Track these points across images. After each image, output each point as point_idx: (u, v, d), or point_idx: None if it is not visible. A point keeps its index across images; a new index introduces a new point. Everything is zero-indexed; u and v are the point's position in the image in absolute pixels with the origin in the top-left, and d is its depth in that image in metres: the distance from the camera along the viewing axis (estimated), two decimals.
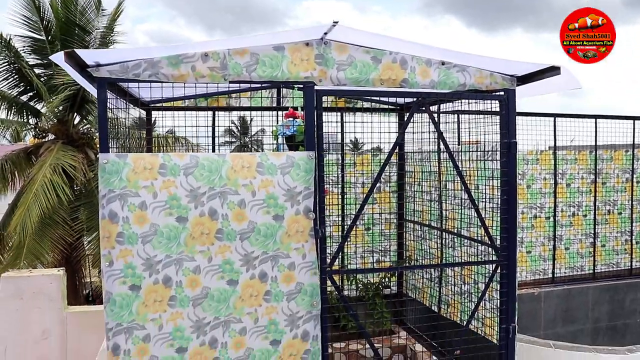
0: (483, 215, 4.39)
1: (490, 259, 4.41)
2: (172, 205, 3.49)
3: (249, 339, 3.68)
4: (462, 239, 4.93)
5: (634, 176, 8.43)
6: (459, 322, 5.03)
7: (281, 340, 3.72)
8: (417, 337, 5.74)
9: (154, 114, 5.49)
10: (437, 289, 5.46)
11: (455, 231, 5.02)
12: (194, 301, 3.57)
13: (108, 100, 3.52)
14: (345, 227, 6.20)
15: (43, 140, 12.91)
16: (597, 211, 8.23)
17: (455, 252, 5.09)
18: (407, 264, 5.98)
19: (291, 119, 4.45)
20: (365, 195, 6.09)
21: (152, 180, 3.47)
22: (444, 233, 5.29)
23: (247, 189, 3.58)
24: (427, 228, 5.59)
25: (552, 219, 7.96)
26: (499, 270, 4.20)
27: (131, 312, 3.50)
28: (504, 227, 4.13)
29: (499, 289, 4.22)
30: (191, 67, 3.56)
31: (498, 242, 4.21)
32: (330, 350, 5.74)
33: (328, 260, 3.82)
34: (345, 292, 6.11)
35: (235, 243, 3.59)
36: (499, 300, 4.23)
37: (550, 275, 7.91)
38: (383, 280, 6.09)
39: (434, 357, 5.29)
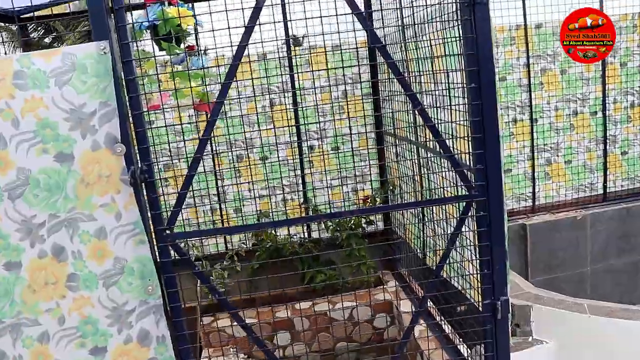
0: (454, 118, 2.79)
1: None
2: None
3: (56, 347, 2.36)
4: (437, 157, 3.32)
5: None
6: (446, 277, 3.52)
7: (107, 347, 2.39)
8: (407, 290, 4.29)
9: None
10: (421, 229, 3.92)
11: (432, 145, 3.41)
12: None
13: None
14: (305, 153, 4.71)
15: None
16: None
17: (435, 176, 3.49)
18: (390, 192, 4.46)
19: (151, 4, 2.94)
20: (327, 102, 4.58)
21: None
22: (419, 149, 3.69)
23: (5, 117, 2.15)
24: (403, 142, 3.99)
25: (600, 113, 5.89)
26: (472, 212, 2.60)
27: None
28: (475, 137, 2.50)
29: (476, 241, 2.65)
30: None
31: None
32: (288, 314, 4.44)
33: (166, 218, 2.36)
34: (314, 234, 4.72)
35: (3, 204, 2.21)
36: (478, 262, 2.66)
37: (600, 192, 5.95)
38: (362, 216, 4.60)
39: (421, 323, 3.85)
